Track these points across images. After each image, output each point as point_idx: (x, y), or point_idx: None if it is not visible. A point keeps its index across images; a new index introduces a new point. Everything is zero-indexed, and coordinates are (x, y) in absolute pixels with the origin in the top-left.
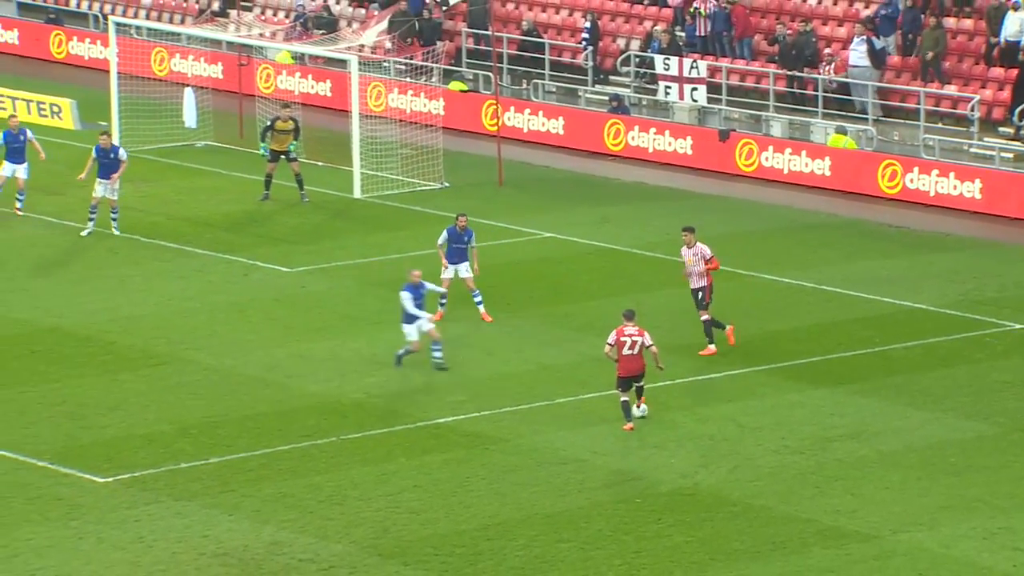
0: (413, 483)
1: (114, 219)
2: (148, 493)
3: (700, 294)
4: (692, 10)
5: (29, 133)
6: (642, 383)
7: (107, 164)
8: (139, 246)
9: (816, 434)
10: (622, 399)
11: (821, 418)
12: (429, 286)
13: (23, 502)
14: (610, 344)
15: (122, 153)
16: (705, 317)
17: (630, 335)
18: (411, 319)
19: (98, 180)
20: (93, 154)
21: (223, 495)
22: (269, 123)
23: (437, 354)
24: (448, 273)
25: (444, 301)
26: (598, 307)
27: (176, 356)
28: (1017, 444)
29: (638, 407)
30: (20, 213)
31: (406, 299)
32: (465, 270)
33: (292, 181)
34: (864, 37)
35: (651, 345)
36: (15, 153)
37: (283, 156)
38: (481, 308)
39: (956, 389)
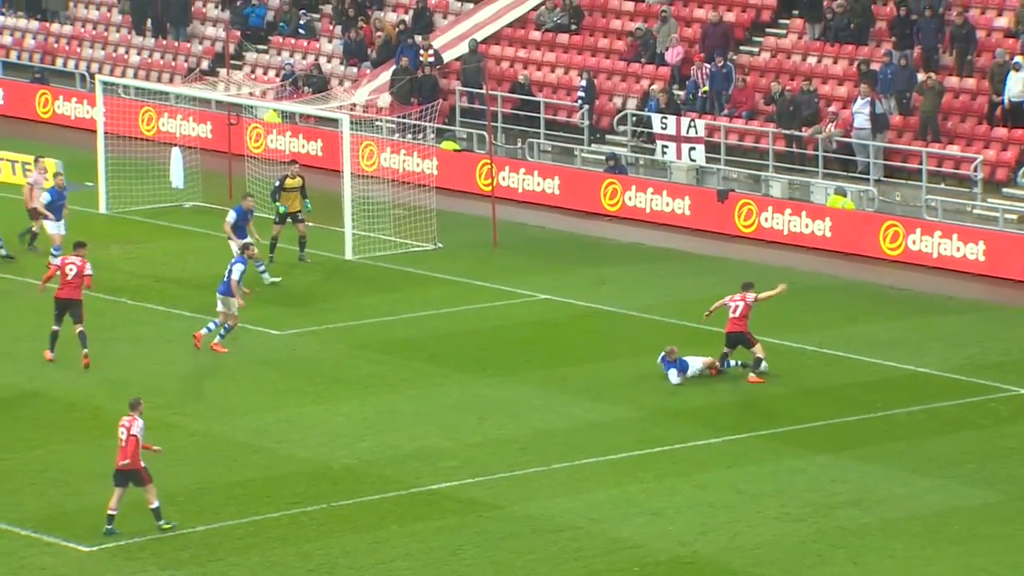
0: (405, 551)
1: (263, 271)
2: (134, 562)
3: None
4: (697, 90)
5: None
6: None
7: (243, 227)
8: (126, 309)
9: (817, 501)
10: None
11: (822, 484)
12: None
13: (5, 572)
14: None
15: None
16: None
17: (732, 299)
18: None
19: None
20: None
21: (211, 564)
22: (278, 183)
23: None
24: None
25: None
26: (595, 370)
27: (163, 421)
28: (1023, 513)
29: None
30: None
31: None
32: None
33: (293, 243)
34: (868, 99)
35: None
36: (58, 210)
37: (290, 218)
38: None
39: (961, 455)
